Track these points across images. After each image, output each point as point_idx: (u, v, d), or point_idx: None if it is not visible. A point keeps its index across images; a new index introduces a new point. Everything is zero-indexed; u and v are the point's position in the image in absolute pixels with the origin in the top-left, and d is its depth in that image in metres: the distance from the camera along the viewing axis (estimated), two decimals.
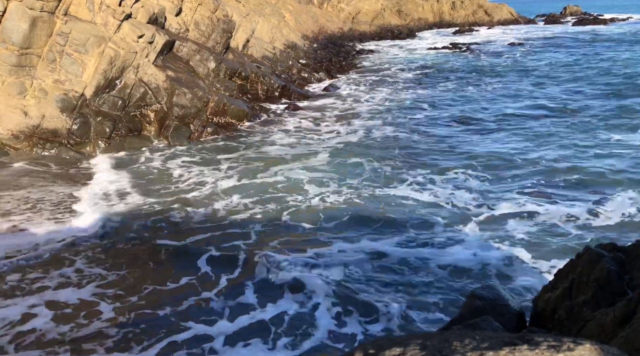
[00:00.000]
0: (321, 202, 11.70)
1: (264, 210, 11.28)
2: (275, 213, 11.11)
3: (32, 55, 14.90)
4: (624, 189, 11.88)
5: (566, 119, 19.07)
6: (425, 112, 21.13)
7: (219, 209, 11.35)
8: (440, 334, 2.17)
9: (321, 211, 11.22)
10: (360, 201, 11.73)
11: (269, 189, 12.48)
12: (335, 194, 12.18)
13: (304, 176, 13.40)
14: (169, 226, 10.53)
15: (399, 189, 12.44)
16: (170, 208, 11.42)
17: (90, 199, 11.79)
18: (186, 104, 17.08)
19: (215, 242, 9.71)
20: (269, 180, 13.12)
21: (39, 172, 13.43)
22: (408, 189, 12.43)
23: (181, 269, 8.76)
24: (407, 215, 10.92)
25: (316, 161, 14.74)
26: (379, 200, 11.79)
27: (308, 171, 13.77)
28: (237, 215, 11.03)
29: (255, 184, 12.92)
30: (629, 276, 4.34)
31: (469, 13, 72.88)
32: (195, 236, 10.02)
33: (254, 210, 11.28)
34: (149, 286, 8.19)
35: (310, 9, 48.15)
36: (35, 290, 8.03)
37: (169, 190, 12.61)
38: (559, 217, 10.59)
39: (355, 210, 11.24)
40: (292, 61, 29.53)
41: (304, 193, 12.30)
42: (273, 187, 12.65)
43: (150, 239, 9.94)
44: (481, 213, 10.99)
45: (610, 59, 34.18)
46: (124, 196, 12.15)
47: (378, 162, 14.36)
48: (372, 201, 11.72)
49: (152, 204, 11.65)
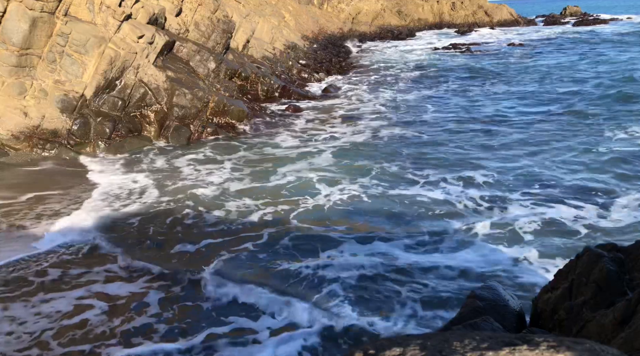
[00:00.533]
0: (329, 202, 11.72)
1: (274, 211, 11.30)
2: (284, 214, 11.12)
3: (32, 55, 14.91)
4: (630, 190, 11.88)
5: (571, 119, 19.10)
6: (430, 113, 21.13)
7: (231, 210, 11.38)
8: (440, 334, 2.17)
9: (330, 211, 11.23)
10: (369, 200, 11.74)
11: (280, 191, 12.48)
12: (343, 193, 12.19)
13: (312, 175, 13.42)
14: (186, 225, 10.60)
15: (409, 189, 12.43)
16: (185, 205, 11.53)
17: (104, 199, 11.88)
18: (186, 104, 17.08)
19: (227, 245, 9.73)
20: (279, 181, 13.11)
21: (58, 171, 13.65)
22: (418, 188, 12.45)
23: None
24: (417, 215, 10.92)
25: (322, 161, 14.74)
26: (389, 200, 11.79)
27: (316, 172, 13.75)
28: (249, 217, 11.07)
29: (264, 185, 12.91)
30: (629, 276, 4.34)
31: (469, 13, 72.92)
32: (208, 239, 10.02)
33: (265, 211, 11.31)
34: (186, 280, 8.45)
35: (310, 9, 48.16)
36: (83, 284, 8.34)
37: (180, 188, 12.67)
38: (566, 217, 10.56)
39: (365, 210, 11.27)
40: (292, 62, 29.54)
41: (313, 193, 12.28)
42: (283, 188, 12.65)
43: (173, 236, 10.07)
44: (489, 213, 10.96)
45: (610, 60, 34.18)
46: (139, 195, 12.25)
47: (386, 162, 14.38)
48: (381, 201, 11.71)
49: (168, 202, 11.75)
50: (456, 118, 20.00)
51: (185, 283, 8.38)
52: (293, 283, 8.37)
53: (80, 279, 8.47)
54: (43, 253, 9.26)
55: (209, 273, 8.63)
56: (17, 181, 12.83)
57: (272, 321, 7.45)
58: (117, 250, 9.48)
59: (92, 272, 8.69)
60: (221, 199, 12.01)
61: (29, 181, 12.88)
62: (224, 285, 8.25)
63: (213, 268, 8.81)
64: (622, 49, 39.79)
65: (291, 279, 8.48)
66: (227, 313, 7.62)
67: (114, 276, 8.61)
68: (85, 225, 10.38)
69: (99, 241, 9.78)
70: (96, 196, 12.07)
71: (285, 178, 13.36)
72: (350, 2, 57.12)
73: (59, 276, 8.52)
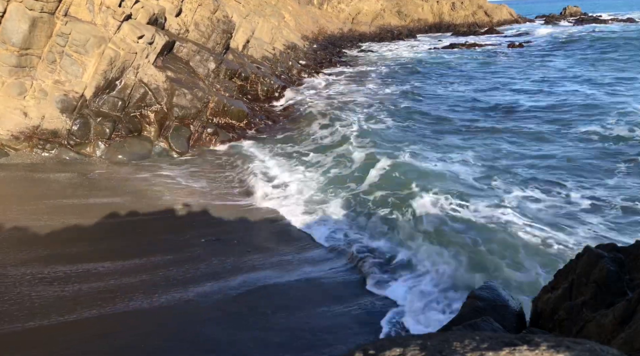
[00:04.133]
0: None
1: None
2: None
3: (32, 56, 14.90)
4: (630, 189, 11.89)
5: (571, 116, 19.14)
6: (426, 105, 21.19)
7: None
8: (440, 334, 2.17)
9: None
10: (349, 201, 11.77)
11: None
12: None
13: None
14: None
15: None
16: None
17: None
18: (186, 104, 17.08)
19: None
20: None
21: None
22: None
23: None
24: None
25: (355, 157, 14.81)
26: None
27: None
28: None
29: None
30: (629, 276, 4.34)
31: (469, 14, 72.94)
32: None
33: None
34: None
35: (310, 9, 48.16)
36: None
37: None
38: (564, 214, 10.57)
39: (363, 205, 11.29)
40: (292, 62, 29.54)
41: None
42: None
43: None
44: (486, 209, 10.96)
45: (608, 59, 34.21)
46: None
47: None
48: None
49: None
50: (460, 115, 20.05)
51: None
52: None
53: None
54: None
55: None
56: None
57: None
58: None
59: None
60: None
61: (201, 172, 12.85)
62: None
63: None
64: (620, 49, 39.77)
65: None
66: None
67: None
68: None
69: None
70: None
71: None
72: (350, 2, 57.13)
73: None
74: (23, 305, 7.30)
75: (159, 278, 8.31)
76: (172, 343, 6.67)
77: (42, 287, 7.80)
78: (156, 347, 6.55)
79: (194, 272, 8.55)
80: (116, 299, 7.59)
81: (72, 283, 8.00)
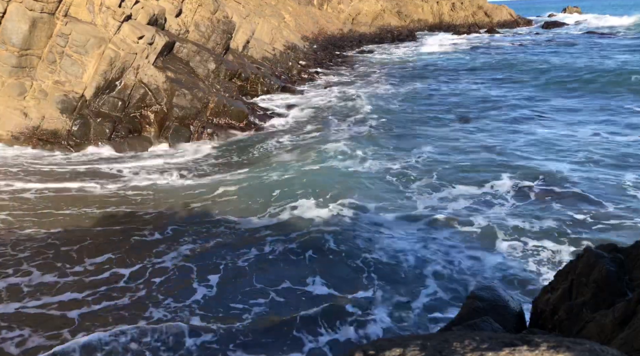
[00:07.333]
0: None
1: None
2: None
3: (32, 56, 14.91)
4: (631, 189, 11.90)
5: (572, 117, 19.19)
6: (428, 105, 21.20)
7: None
8: (440, 335, 2.18)
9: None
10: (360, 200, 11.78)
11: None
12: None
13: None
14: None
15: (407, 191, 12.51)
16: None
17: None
18: (186, 105, 17.08)
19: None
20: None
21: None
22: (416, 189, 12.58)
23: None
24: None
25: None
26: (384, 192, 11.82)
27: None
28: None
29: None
30: (629, 276, 4.34)
31: (469, 14, 72.95)
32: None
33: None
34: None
35: (310, 10, 48.19)
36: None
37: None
38: (564, 216, 10.58)
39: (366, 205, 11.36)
40: (292, 62, 29.55)
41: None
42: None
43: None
44: (483, 211, 10.98)
45: (608, 58, 34.24)
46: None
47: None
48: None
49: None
50: (459, 114, 20.06)
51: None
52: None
53: None
54: None
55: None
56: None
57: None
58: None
59: None
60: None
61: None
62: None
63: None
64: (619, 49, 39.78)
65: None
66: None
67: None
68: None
69: None
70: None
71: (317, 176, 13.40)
72: (350, 2, 57.15)
73: None
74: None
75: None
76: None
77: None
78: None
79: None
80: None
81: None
